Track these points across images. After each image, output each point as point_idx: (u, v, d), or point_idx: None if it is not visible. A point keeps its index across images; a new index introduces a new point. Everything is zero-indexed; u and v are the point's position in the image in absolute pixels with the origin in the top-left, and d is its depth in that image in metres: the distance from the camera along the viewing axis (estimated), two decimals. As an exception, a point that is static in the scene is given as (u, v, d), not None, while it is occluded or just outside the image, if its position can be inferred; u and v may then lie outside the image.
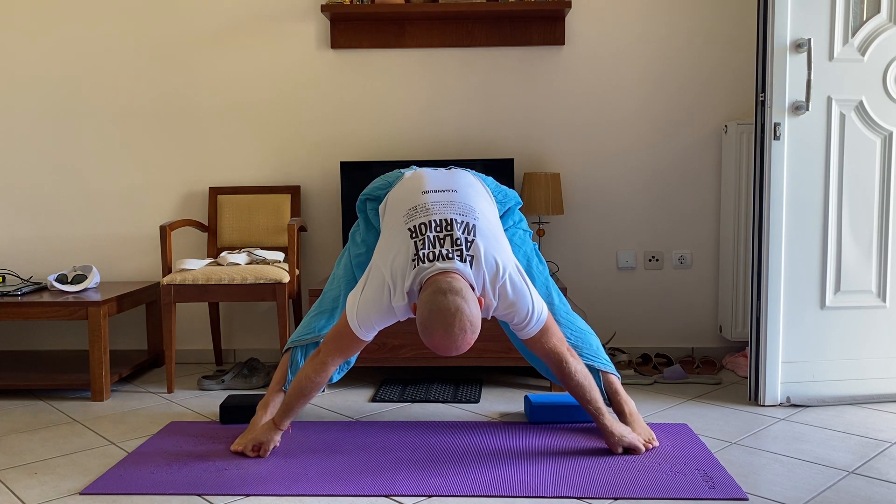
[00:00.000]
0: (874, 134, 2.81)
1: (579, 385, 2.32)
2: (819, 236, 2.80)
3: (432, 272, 2.14)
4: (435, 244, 2.18)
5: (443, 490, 2.07)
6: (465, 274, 2.15)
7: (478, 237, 2.21)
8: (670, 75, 3.52)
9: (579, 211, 3.58)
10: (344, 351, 2.30)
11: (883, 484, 2.10)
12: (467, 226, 2.23)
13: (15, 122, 3.62)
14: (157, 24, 3.57)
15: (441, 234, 2.20)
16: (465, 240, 2.19)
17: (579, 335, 2.51)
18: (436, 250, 2.17)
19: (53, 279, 3.27)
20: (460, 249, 2.17)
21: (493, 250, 2.21)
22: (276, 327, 3.66)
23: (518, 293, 2.21)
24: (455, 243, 2.18)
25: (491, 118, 3.56)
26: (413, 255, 2.17)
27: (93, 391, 3.03)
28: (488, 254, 2.19)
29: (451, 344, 2.04)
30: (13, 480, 2.21)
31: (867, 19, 2.77)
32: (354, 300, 2.24)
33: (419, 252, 2.17)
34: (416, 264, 2.16)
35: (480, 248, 2.19)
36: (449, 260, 2.15)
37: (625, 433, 2.33)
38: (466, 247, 2.18)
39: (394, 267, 2.19)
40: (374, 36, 3.52)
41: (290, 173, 3.61)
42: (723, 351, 3.58)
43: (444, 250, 2.17)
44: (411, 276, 2.15)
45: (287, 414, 2.35)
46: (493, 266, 2.19)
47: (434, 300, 2.05)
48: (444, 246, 2.18)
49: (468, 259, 2.17)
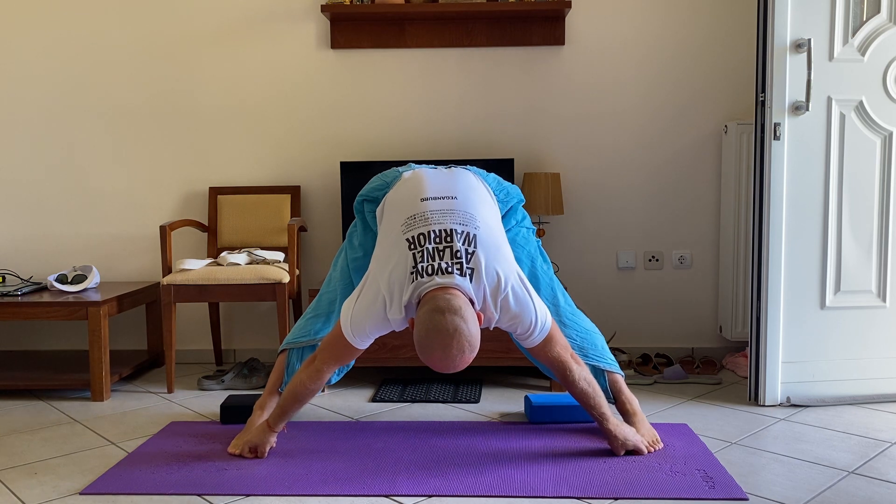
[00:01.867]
0: (874, 134, 2.81)
1: (583, 392, 2.30)
2: (819, 236, 2.80)
3: (431, 287, 2.09)
4: (434, 256, 2.13)
5: (443, 490, 2.07)
6: (465, 289, 2.11)
7: (479, 248, 2.17)
8: (670, 75, 3.52)
9: (579, 211, 3.58)
10: (339, 358, 2.29)
11: (883, 484, 2.10)
12: (468, 236, 2.18)
13: (15, 122, 3.62)
14: (158, 24, 3.57)
15: (440, 245, 2.16)
16: (465, 251, 2.15)
17: (584, 336, 2.51)
18: (435, 263, 2.12)
19: (53, 279, 3.27)
20: (460, 263, 2.13)
21: (495, 261, 2.17)
22: (276, 327, 3.66)
23: (521, 305, 2.18)
24: (455, 256, 2.14)
25: (491, 118, 3.56)
26: (411, 268, 2.13)
27: (93, 391, 3.03)
28: (489, 266, 2.15)
29: (448, 364, 2.02)
30: (13, 480, 2.21)
31: (867, 19, 2.77)
32: (349, 308, 2.22)
33: (418, 265, 2.13)
34: (415, 278, 2.12)
35: (481, 261, 2.15)
36: (448, 274, 2.10)
37: (628, 436, 2.32)
38: (467, 259, 2.14)
39: (391, 279, 2.15)
40: (374, 36, 3.52)
41: (290, 173, 3.61)
42: (723, 351, 3.58)
43: (444, 263, 2.12)
44: (409, 290, 2.11)
45: (282, 417, 2.35)
46: (495, 279, 2.15)
47: (432, 319, 2.01)
48: (443, 259, 2.13)
49: (468, 272, 2.12)
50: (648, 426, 2.43)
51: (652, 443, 2.36)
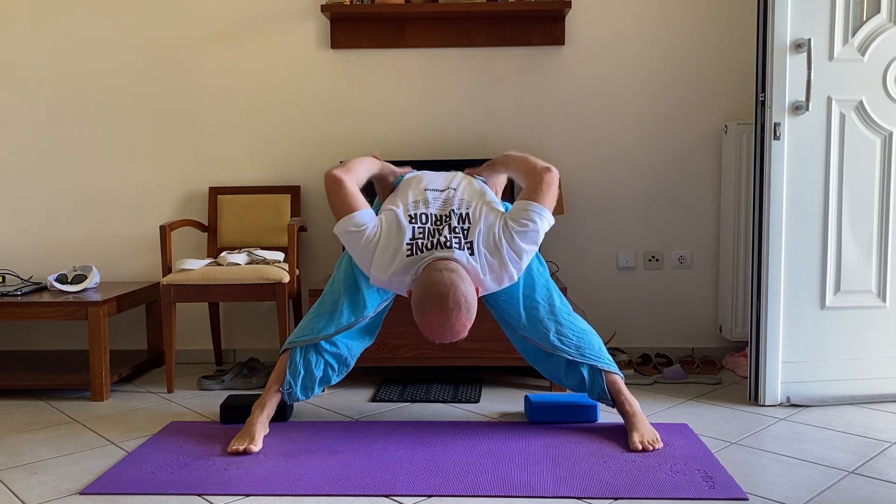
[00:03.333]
0: (874, 134, 2.81)
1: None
2: (819, 236, 2.80)
3: (430, 259, 2.21)
4: (434, 234, 2.25)
5: (443, 490, 2.07)
6: (463, 261, 2.22)
7: (475, 224, 2.28)
8: (670, 75, 3.52)
9: (579, 211, 3.58)
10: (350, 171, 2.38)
11: (883, 484, 2.10)
12: (466, 215, 2.30)
13: (15, 122, 3.62)
14: (158, 24, 3.57)
15: (440, 225, 2.27)
16: (462, 229, 2.26)
17: (581, 335, 2.51)
18: (434, 239, 2.24)
19: (53, 279, 3.27)
20: (458, 238, 2.24)
21: (491, 234, 2.28)
22: (276, 327, 3.66)
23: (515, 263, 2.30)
24: (453, 231, 2.25)
25: (491, 118, 3.56)
26: (409, 241, 2.24)
27: (93, 391, 3.03)
28: (488, 238, 2.26)
29: (445, 321, 2.09)
30: (13, 480, 2.21)
31: (867, 19, 2.77)
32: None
33: (416, 241, 2.24)
34: (414, 253, 2.22)
35: (479, 233, 2.26)
36: (448, 248, 2.22)
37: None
38: (464, 234, 2.25)
39: (394, 255, 2.25)
40: (374, 36, 3.52)
41: (290, 173, 3.61)
42: (723, 351, 3.58)
43: (443, 238, 2.24)
44: (409, 264, 2.22)
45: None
46: (494, 246, 2.25)
47: (429, 276, 2.14)
48: (442, 234, 2.24)
49: (466, 247, 2.23)
50: (648, 425, 2.43)
51: (652, 441, 2.36)
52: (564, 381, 2.55)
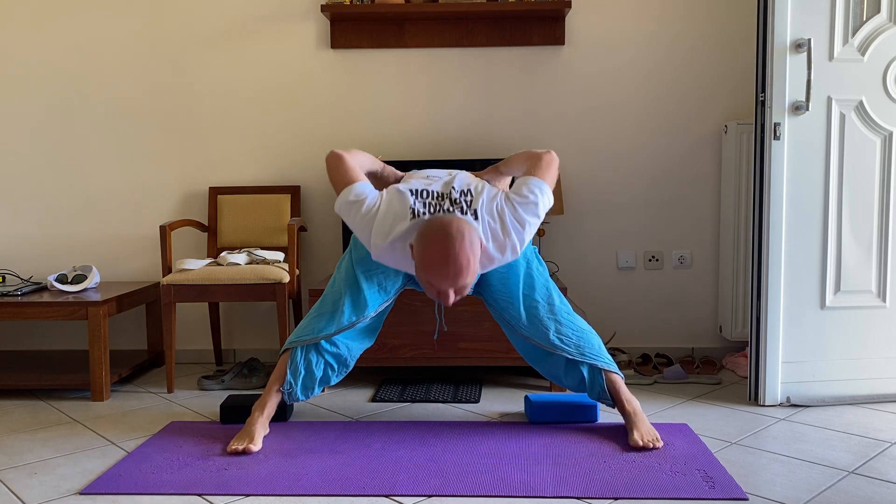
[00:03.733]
0: (874, 134, 2.81)
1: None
2: (819, 236, 2.80)
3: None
4: (436, 206, 2.30)
5: (443, 490, 2.07)
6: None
7: (479, 194, 2.32)
8: (670, 75, 3.52)
9: (579, 211, 3.58)
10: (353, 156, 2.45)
11: (883, 484, 2.10)
12: (468, 190, 2.34)
13: (15, 122, 3.62)
14: (157, 24, 3.57)
15: (442, 200, 2.32)
16: (464, 200, 2.31)
17: (581, 335, 2.51)
18: (436, 208, 2.29)
19: (53, 279, 3.27)
20: (461, 206, 2.29)
21: (493, 206, 2.32)
22: (276, 327, 3.66)
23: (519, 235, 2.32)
24: (455, 203, 2.30)
25: (491, 118, 3.56)
26: (411, 207, 2.28)
27: (93, 391, 3.03)
28: (491, 206, 2.30)
29: (448, 250, 2.11)
30: (13, 480, 2.21)
31: (867, 19, 2.77)
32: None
33: (418, 208, 2.28)
34: (416, 217, 2.27)
35: (483, 201, 2.30)
36: (450, 214, 2.27)
37: None
38: (467, 203, 2.30)
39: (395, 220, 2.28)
40: (374, 36, 3.52)
41: (290, 173, 3.61)
42: (723, 351, 3.58)
43: (446, 206, 2.30)
44: (411, 227, 2.26)
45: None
46: (497, 214, 2.29)
47: (431, 219, 2.20)
48: (444, 205, 2.30)
49: (470, 213, 2.28)
50: (648, 425, 2.43)
51: (652, 440, 2.36)
52: (564, 380, 2.55)
